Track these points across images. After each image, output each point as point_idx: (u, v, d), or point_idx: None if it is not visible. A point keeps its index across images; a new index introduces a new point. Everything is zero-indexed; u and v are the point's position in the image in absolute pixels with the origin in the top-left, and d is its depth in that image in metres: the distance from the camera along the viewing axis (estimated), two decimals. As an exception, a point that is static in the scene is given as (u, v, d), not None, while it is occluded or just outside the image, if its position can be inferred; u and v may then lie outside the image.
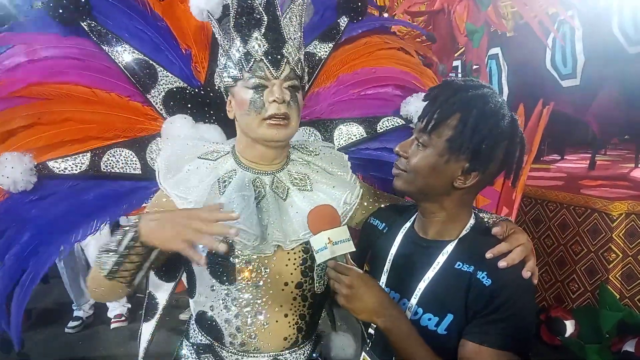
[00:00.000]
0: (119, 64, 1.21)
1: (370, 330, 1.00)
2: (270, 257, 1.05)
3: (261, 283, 1.05)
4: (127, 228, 0.92)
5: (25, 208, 1.14)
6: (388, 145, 1.41)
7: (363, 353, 1.02)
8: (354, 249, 0.93)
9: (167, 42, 1.28)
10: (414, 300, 0.96)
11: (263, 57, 1.01)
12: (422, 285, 0.95)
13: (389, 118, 1.43)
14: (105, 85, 1.22)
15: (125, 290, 1.00)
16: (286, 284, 1.07)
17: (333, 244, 0.91)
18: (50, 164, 1.15)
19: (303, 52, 1.09)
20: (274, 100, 1.00)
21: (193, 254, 0.87)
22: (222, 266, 1.04)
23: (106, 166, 1.19)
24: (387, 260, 1.04)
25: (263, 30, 1.02)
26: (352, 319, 0.94)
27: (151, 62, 1.24)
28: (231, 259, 1.03)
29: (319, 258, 0.93)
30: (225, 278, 1.04)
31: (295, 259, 1.07)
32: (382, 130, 1.41)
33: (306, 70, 1.11)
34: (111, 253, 0.92)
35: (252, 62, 1.01)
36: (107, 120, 1.21)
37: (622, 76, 3.24)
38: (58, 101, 1.17)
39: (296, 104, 1.05)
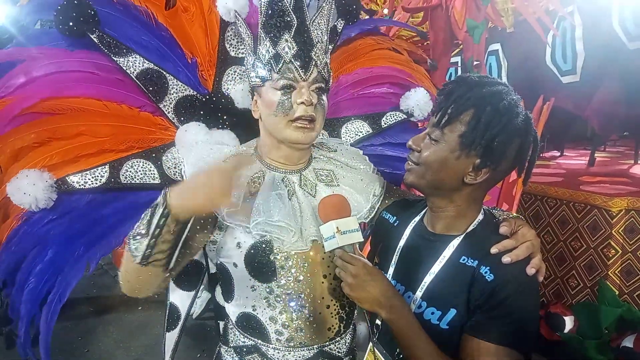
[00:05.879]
0: (131, 75, 1.20)
1: (377, 322, 1.02)
2: (307, 252, 1.07)
3: (301, 278, 1.07)
4: (154, 206, 0.89)
5: (45, 228, 1.11)
6: (391, 140, 1.47)
7: (370, 344, 1.01)
8: (362, 240, 0.95)
9: (172, 51, 1.27)
10: (418, 294, 0.96)
11: (292, 59, 1.02)
12: (427, 279, 0.96)
13: (392, 113, 1.47)
14: (116, 97, 1.21)
15: (163, 278, 0.96)
16: (325, 276, 1.09)
17: (341, 233, 0.92)
18: (70, 178, 1.13)
19: (329, 56, 1.11)
20: (302, 103, 1.02)
21: (229, 203, 0.89)
22: (262, 265, 1.05)
23: (126, 178, 1.18)
24: (395, 253, 1.05)
25: (293, 33, 1.03)
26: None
27: (161, 71, 1.23)
28: (270, 256, 1.05)
29: (327, 246, 0.95)
30: (266, 276, 1.06)
31: (330, 252, 1.08)
32: (386, 125, 1.46)
33: (331, 73, 1.12)
34: (142, 237, 0.89)
35: (281, 64, 1.02)
36: (120, 132, 1.20)
37: (622, 72, 3.21)
38: (70, 115, 1.15)
39: (322, 106, 1.07)
